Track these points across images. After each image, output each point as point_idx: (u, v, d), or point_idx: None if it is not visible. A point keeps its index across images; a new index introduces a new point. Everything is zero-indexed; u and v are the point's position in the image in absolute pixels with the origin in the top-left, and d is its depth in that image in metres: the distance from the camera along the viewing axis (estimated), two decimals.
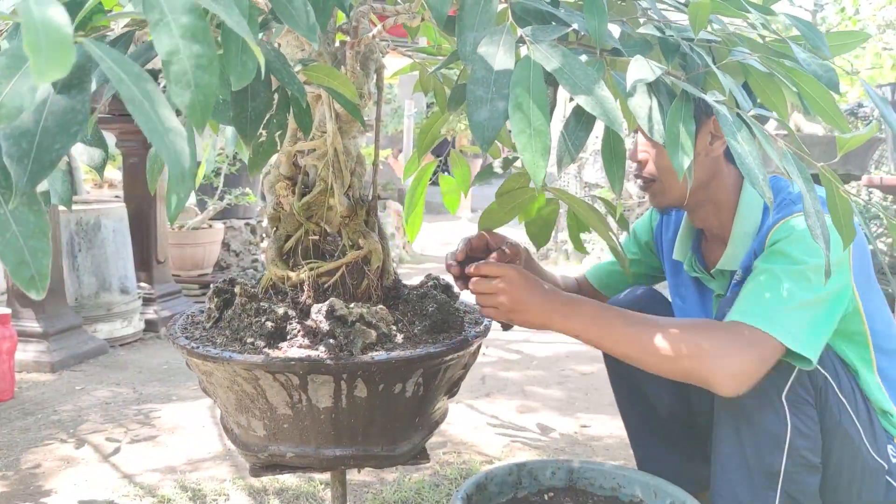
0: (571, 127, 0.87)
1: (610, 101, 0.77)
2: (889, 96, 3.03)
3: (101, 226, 3.51)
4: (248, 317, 1.27)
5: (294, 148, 1.30)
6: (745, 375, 1.19)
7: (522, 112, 0.75)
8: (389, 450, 1.25)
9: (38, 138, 0.56)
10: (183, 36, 0.53)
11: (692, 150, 0.83)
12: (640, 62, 0.85)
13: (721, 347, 1.20)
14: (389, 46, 1.63)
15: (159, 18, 0.53)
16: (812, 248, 1.25)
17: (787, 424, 1.28)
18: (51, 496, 1.98)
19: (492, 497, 1.43)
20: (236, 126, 0.83)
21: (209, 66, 0.54)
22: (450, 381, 1.31)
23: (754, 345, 1.20)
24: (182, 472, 2.13)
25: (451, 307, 1.35)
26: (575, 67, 0.78)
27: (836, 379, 1.31)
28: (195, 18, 0.53)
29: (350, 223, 1.32)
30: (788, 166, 0.89)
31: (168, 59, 0.53)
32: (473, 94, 0.78)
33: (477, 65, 0.79)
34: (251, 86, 0.82)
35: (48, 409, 2.64)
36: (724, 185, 1.44)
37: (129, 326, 3.58)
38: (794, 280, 1.24)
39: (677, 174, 0.83)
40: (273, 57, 0.81)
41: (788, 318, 1.21)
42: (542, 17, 0.93)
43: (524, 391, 2.91)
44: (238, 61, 0.66)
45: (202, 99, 0.54)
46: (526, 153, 0.75)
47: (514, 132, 0.76)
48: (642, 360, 1.26)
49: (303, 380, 1.14)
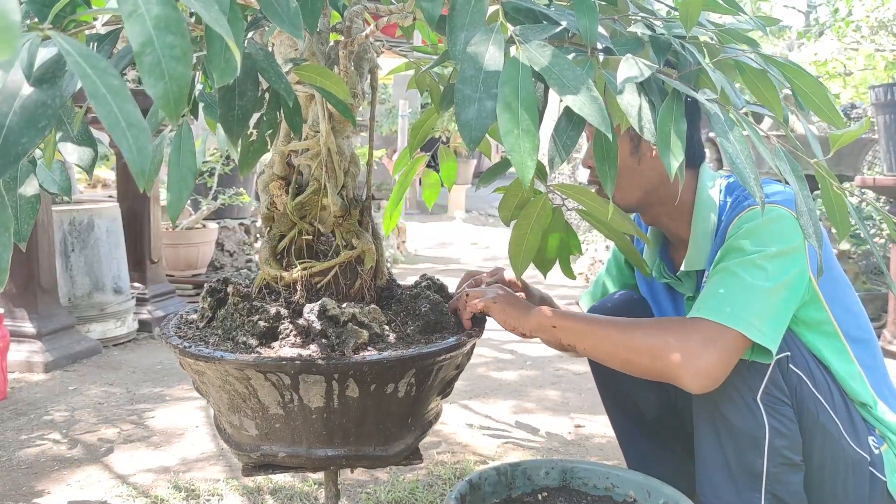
0: (562, 127, 0.87)
1: (598, 102, 0.77)
2: (882, 98, 3.03)
3: (94, 226, 3.50)
4: (241, 316, 1.26)
5: (287, 147, 1.30)
6: (710, 371, 1.21)
7: (510, 112, 0.75)
8: (382, 450, 1.24)
9: (5, 132, 0.56)
10: (156, 27, 0.53)
11: (682, 150, 0.83)
12: (630, 61, 0.84)
13: (683, 345, 1.22)
14: (384, 46, 1.63)
15: (133, 10, 0.53)
16: (763, 239, 1.28)
17: (764, 426, 1.28)
18: (43, 497, 1.97)
19: (485, 497, 1.43)
20: (223, 124, 0.82)
21: (183, 57, 0.54)
22: (443, 381, 1.30)
23: (716, 339, 1.22)
24: (175, 473, 2.12)
25: (445, 307, 1.35)
26: (564, 67, 0.78)
27: (810, 376, 1.32)
28: (168, 9, 0.53)
29: (344, 223, 1.31)
30: (781, 164, 0.89)
31: (141, 50, 0.53)
32: (461, 94, 0.78)
33: (466, 64, 0.79)
34: (238, 84, 0.81)
35: (41, 410, 2.63)
36: (676, 187, 1.45)
37: (122, 327, 3.57)
38: (748, 270, 1.26)
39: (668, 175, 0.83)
40: (261, 56, 0.81)
41: (745, 309, 1.23)
42: (533, 16, 0.92)
43: (518, 391, 2.91)
44: (221, 58, 0.65)
45: (176, 90, 0.54)
46: (514, 153, 0.75)
47: (502, 132, 0.76)
48: (608, 360, 1.33)
49: (294, 380, 1.14)
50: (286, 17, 0.70)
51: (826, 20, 5.40)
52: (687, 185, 1.46)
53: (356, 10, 1.23)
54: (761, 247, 1.27)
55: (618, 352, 1.30)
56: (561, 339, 1.34)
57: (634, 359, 1.28)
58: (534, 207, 1.29)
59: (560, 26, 0.89)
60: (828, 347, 1.36)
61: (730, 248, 1.31)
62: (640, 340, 1.26)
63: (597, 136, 0.89)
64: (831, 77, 4.98)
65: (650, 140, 0.82)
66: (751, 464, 1.30)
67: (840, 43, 5.07)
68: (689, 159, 1.46)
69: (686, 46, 0.94)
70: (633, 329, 1.29)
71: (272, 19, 0.70)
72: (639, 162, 1.42)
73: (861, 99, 4.95)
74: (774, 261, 1.26)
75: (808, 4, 14.58)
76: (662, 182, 1.44)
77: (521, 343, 3.57)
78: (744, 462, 1.31)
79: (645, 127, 0.83)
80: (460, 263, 6.42)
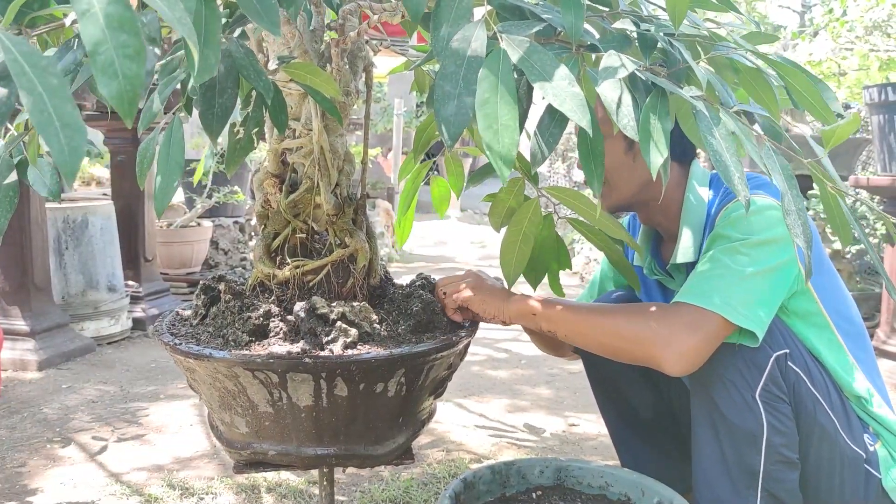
0: (545, 124, 0.86)
1: (579, 97, 0.76)
2: (876, 98, 3.04)
3: (88, 223, 3.49)
4: (232, 314, 1.26)
5: (281, 145, 1.29)
6: (691, 354, 1.22)
7: (489, 107, 0.74)
8: (372, 449, 1.24)
9: None
10: (109, 26, 0.53)
11: (666, 147, 0.82)
12: (613, 56, 0.84)
13: (665, 329, 1.23)
14: (384, 45, 1.62)
15: (86, 9, 0.53)
16: (748, 227, 1.29)
17: (762, 423, 1.29)
18: (37, 495, 1.96)
19: (480, 495, 1.42)
20: (202, 121, 0.82)
21: (136, 55, 0.53)
22: (434, 381, 1.30)
23: (697, 323, 1.23)
24: (170, 471, 2.12)
25: (437, 307, 1.35)
26: (545, 62, 0.77)
27: (808, 373, 1.32)
28: (121, 8, 0.53)
29: (337, 221, 1.31)
30: (769, 162, 0.89)
31: (94, 49, 0.53)
32: (441, 90, 0.77)
33: (447, 60, 0.78)
34: (219, 82, 0.81)
35: (34, 408, 2.63)
36: (668, 183, 1.45)
37: (116, 325, 3.56)
38: (731, 256, 1.27)
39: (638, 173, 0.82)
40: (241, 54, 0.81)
41: (727, 293, 1.23)
42: (521, 13, 0.92)
43: (512, 390, 2.91)
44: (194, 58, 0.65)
45: (129, 89, 0.54)
46: (491, 150, 0.74)
47: (480, 128, 0.75)
48: (589, 344, 1.34)
49: (282, 378, 1.13)
50: (263, 12, 0.70)
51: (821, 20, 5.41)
52: (678, 182, 1.47)
53: (350, 7, 1.23)
54: (747, 234, 1.28)
55: (599, 336, 1.31)
56: (542, 326, 1.34)
57: (615, 343, 1.29)
58: (524, 213, 1.28)
59: (544, 22, 0.88)
60: (821, 340, 1.36)
61: (716, 237, 1.32)
62: (622, 325, 1.28)
63: (581, 134, 0.88)
64: (826, 77, 4.99)
65: (633, 137, 0.82)
66: (748, 461, 1.30)
67: (835, 43, 5.08)
68: (680, 155, 1.46)
69: (674, 44, 0.93)
70: (615, 314, 1.30)
71: (248, 14, 0.70)
72: (633, 160, 1.42)
73: (855, 99, 4.97)
74: (760, 248, 1.27)
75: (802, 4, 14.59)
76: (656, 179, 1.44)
77: (515, 341, 3.57)
78: (741, 459, 1.31)
79: (628, 125, 0.82)
80: (455, 262, 6.42)
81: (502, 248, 1.32)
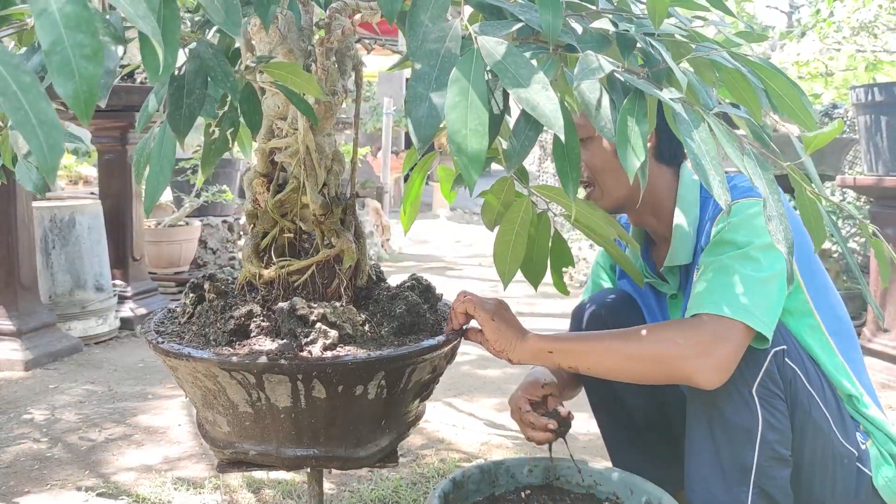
0: (520, 127, 0.85)
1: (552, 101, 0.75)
2: (863, 98, 3.06)
3: (75, 222, 3.47)
4: (215, 313, 1.26)
5: (268, 145, 1.29)
6: (724, 364, 1.22)
7: (458, 111, 0.73)
8: (354, 452, 1.23)
9: None
10: (66, 26, 0.53)
11: (644, 150, 0.81)
12: (590, 57, 0.82)
13: (693, 343, 1.22)
14: (377, 43, 1.61)
15: (43, 8, 0.52)
16: (753, 230, 1.28)
17: (758, 418, 1.29)
18: (23, 497, 1.95)
19: (469, 495, 1.43)
20: (170, 122, 0.81)
21: (93, 56, 0.53)
22: (418, 384, 1.28)
23: (724, 333, 1.22)
24: (158, 471, 2.11)
25: (423, 309, 1.33)
26: (519, 64, 0.76)
27: (804, 370, 1.33)
28: (79, 8, 0.53)
29: (325, 221, 1.30)
30: (749, 164, 0.87)
31: (51, 49, 0.52)
32: (414, 91, 0.76)
33: (421, 61, 0.77)
34: (187, 82, 0.80)
35: (21, 409, 2.61)
36: (658, 185, 1.46)
37: (104, 324, 3.54)
38: (744, 263, 1.27)
39: (627, 174, 0.82)
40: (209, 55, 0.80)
41: (748, 301, 1.23)
42: (499, 13, 0.90)
43: (502, 389, 2.91)
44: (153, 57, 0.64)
45: (86, 89, 0.53)
46: (459, 155, 0.73)
47: (449, 132, 0.74)
48: (613, 373, 1.32)
49: (259, 379, 1.13)
50: (224, 12, 0.69)
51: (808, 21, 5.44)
52: (669, 184, 1.47)
53: (337, 6, 1.22)
54: (752, 238, 1.28)
55: (623, 363, 1.28)
56: (561, 362, 1.32)
57: (641, 367, 1.27)
58: (516, 211, 1.27)
59: (522, 22, 0.87)
60: (813, 338, 1.37)
61: (720, 242, 1.31)
62: (646, 347, 1.25)
63: (555, 137, 0.88)
64: (813, 77, 5.01)
65: (609, 139, 0.81)
66: (741, 457, 1.31)
67: (822, 44, 5.10)
68: (670, 157, 1.47)
69: (654, 44, 0.92)
70: (635, 337, 1.27)
71: (209, 15, 0.69)
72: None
73: (842, 100, 4.99)
74: (766, 252, 1.27)
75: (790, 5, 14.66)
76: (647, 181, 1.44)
77: None
78: (734, 455, 1.31)
79: (605, 127, 0.81)
80: (444, 262, 6.41)
81: (495, 247, 1.31)
